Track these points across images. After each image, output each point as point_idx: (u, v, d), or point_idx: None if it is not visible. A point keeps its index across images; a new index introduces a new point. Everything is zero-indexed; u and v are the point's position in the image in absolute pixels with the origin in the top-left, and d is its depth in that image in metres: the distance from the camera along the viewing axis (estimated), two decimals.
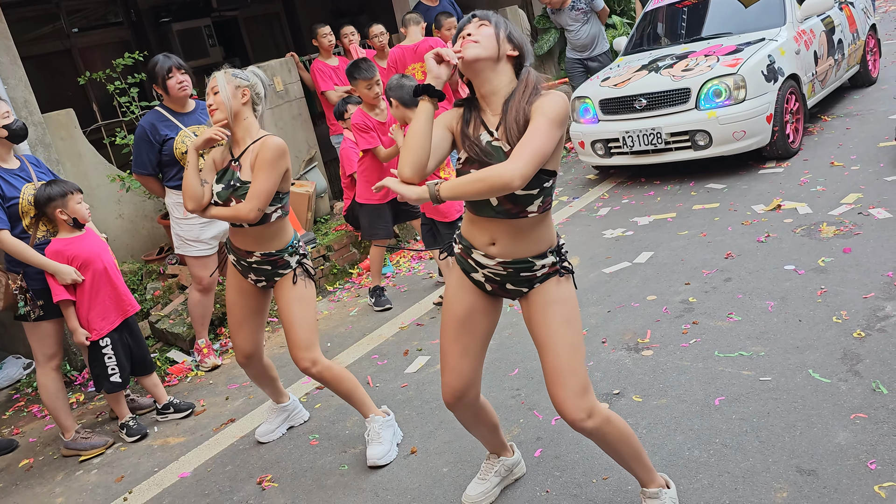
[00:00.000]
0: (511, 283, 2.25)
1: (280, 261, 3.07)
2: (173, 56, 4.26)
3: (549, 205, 2.17)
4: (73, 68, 9.04)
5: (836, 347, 3.15)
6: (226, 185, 2.99)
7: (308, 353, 3.04)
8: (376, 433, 3.13)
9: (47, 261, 3.55)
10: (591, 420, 2.16)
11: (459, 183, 2.04)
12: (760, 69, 5.81)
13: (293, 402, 3.60)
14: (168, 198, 4.39)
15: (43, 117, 5.10)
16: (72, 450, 3.81)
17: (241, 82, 2.99)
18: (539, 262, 2.20)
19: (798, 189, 5.28)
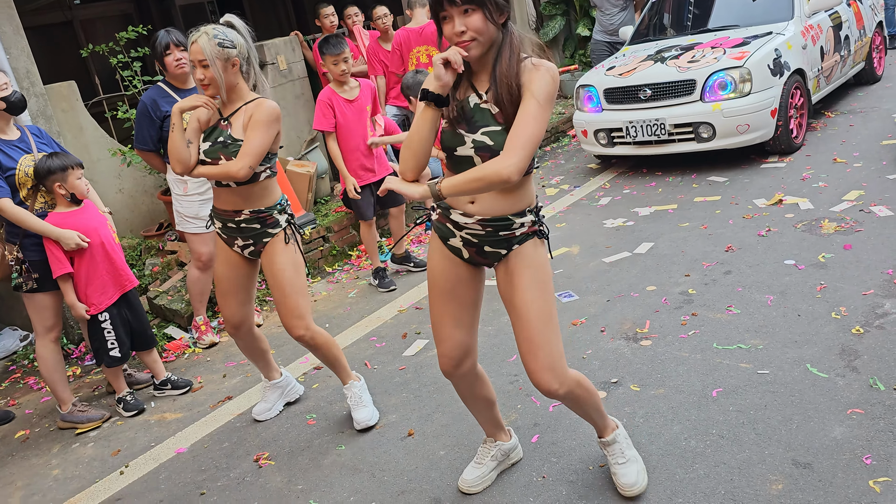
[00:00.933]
0: (489, 244, 2.24)
1: (269, 218, 3.06)
2: (174, 32, 4.22)
3: (530, 168, 2.18)
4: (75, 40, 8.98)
5: (834, 343, 3.17)
6: (213, 143, 2.99)
7: (303, 321, 3.08)
8: (358, 397, 3.28)
9: (50, 227, 3.54)
10: (561, 388, 2.25)
11: (459, 181, 2.07)
12: (767, 63, 5.79)
13: (286, 377, 3.60)
14: (169, 174, 4.37)
15: (45, 89, 5.06)
16: (68, 422, 3.82)
17: (229, 53, 2.90)
18: (518, 220, 2.21)
19: (800, 184, 5.28)
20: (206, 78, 2.90)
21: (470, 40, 2.03)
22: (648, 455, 2.66)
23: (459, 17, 2.01)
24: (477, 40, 2.03)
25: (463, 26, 2.01)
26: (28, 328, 5.16)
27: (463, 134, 2.15)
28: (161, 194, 5.57)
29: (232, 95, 3.02)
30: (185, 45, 4.17)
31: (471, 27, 2.01)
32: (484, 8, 2.01)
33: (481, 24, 2.01)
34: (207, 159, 2.99)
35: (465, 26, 2.01)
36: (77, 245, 3.55)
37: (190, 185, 4.27)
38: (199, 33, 2.89)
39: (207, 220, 4.32)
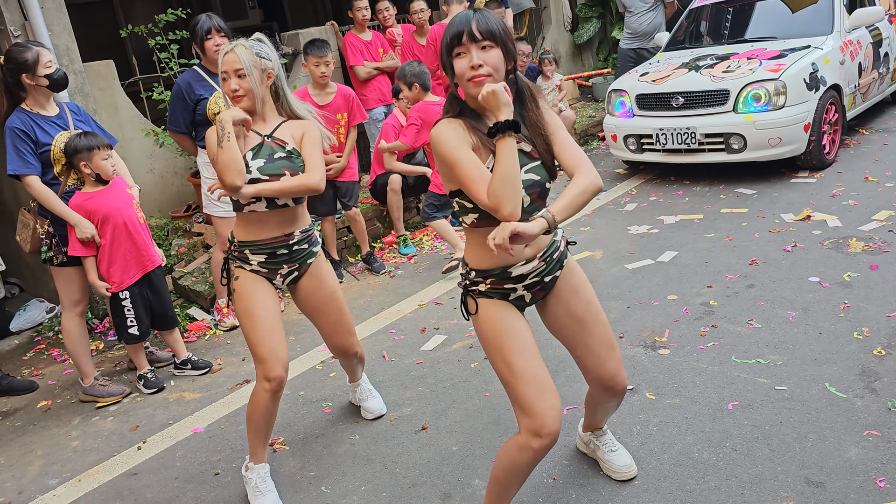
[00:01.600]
0: (549, 272, 2.25)
1: (312, 235, 2.96)
2: (215, 17, 4.27)
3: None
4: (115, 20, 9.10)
5: (854, 363, 3.14)
6: (268, 160, 2.76)
7: (354, 338, 3.10)
8: (368, 390, 3.37)
9: (70, 212, 3.61)
10: (626, 385, 2.42)
11: (568, 202, 2.04)
12: (803, 77, 5.74)
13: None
14: (200, 157, 4.43)
15: (83, 66, 5.15)
16: (90, 395, 3.90)
17: (266, 64, 2.78)
18: (557, 236, 2.30)
19: (829, 201, 5.22)
20: (242, 89, 2.73)
21: (486, 75, 2.00)
22: (660, 464, 2.66)
23: (477, 52, 2.00)
24: (492, 76, 2.01)
25: (481, 61, 1.99)
26: (55, 301, 5.27)
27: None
28: (191, 176, 5.65)
29: (265, 111, 2.84)
30: (226, 32, 4.22)
31: (489, 62, 2.00)
32: (502, 47, 2.03)
33: (497, 61, 2.02)
34: (264, 176, 2.73)
35: (483, 61, 1.99)
36: (90, 238, 3.62)
37: None
38: (235, 44, 2.75)
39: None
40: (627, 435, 2.87)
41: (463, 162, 2.02)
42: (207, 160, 4.32)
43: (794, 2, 6.76)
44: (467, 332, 4.03)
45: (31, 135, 3.61)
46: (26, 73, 3.58)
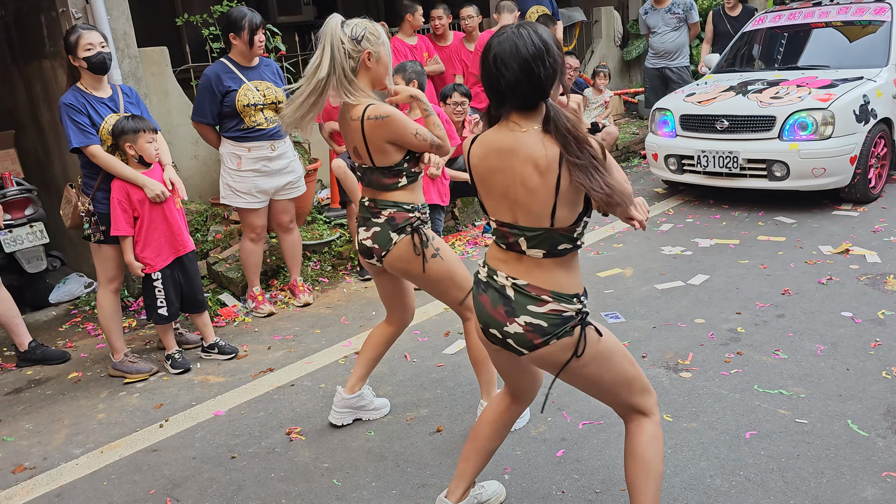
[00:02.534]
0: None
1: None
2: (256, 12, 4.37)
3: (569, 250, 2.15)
4: (172, 7, 9.31)
5: (880, 402, 3.09)
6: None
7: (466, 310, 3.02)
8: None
9: (137, 174, 3.76)
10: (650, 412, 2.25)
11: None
12: (853, 108, 5.64)
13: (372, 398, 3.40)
14: (223, 147, 4.47)
15: (138, 51, 5.29)
16: (119, 371, 4.00)
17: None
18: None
19: (870, 236, 5.13)
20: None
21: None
22: (671, 487, 2.65)
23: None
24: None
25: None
26: (93, 276, 5.41)
27: None
28: None
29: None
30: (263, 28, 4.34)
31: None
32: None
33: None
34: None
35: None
36: (160, 195, 3.73)
37: (245, 160, 4.39)
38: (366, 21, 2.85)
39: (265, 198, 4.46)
40: None
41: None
42: (231, 151, 4.40)
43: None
44: None
45: (84, 111, 3.74)
46: (70, 54, 3.73)
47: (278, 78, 4.55)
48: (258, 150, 4.42)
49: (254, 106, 4.33)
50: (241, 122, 4.37)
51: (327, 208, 6.14)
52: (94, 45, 3.73)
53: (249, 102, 4.31)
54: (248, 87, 4.33)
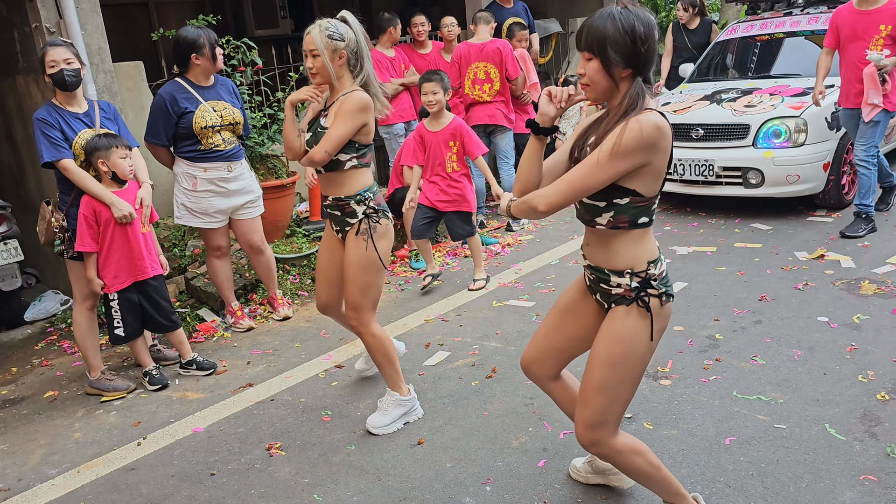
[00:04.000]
0: (597, 292, 2.32)
1: (347, 207, 3.18)
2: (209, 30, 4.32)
3: (624, 223, 2.16)
4: (148, 22, 9.27)
5: (856, 406, 3.12)
6: (314, 133, 3.17)
7: (353, 313, 3.25)
8: (386, 404, 3.31)
9: (105, 191, 3.70)
10: (595, 448, 2.31)
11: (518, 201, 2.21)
12: (825, 115, 5.73)
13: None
14: (178, 167, 4.40)
15: (113, 66, 5.25)
16: (95, 389, 3.95)
17: (337, 45, 3.06)
18: (614, 278, 2.21)
19: (845, 242, 5.19)
20: (315, 67, 3.07)
21: (585, 84, 2.15)
22: (652, 495, 2.65)
23: (583, 61, 2.14)
24: (589, 86, 2.14)
25: (583, 70, 2.13)
26: (69, 293, 5.34)
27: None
28: None
29: (336, 87, 3.16)
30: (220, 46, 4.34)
31: (587, 73, 2.12)
32: (601, 58, 2.07)
33: (594, 73, 2.10)
34: (308, 148, 3.18)
35: (584, 70, 2.13)
36: (127, 216, 3.68)
37: (200, 180, 4.34)
38: (314, 26, 3.07)
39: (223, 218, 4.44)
40: None
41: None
42: (186, 171, 4.36)
43: None
44: (471, 351, 4.05)
45: (57, 126, 3.71)
46: (42, 71, 3.72)
47: (235, 97, 4.48)
48: (214, 171, 4.35)
49: (211, 127, 4.26)
50: (197, 143, 4.29)
51: (306, 221, 6.12)
52: (57, 63, 3.68)
53: (207, 124, 4.25)
54: (206, 108, 4.27)
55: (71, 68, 3.72)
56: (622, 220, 2.15)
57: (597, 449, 2.30)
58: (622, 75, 2.08)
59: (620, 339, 2.20)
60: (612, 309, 2.25)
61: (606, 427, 2.26)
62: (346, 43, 3.07)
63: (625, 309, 2.20)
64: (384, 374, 3.32)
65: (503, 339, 4.16)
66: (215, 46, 4.26)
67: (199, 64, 4.26)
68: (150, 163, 4.31)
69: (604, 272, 2.23)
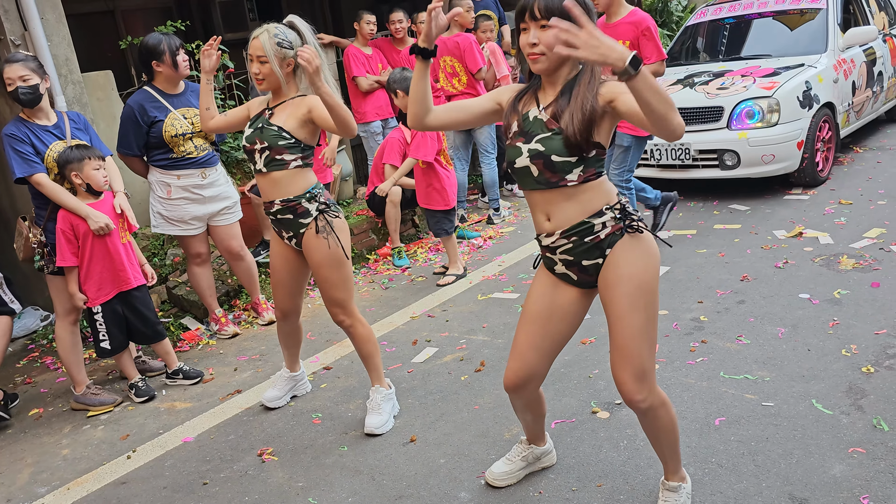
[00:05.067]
0: (584, 256, 2.27)
1: (299, 207, 3.15)
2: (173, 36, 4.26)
3: (592, 175, 2.19)
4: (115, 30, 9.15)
5: (842, 380, 3.16)
6: (254, 129, 3.16)
7: (340, 309, 3.24)
8: (377, 404, 3.30)
9: (81, 204, 3.65)
10: (645, 401, 2.26)
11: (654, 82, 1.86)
12: (796, 95, 5.78)
13: (302, 372, 3.73)
14: (152, 175, 4.36)
15: (82, 77, 5.18)
16: (81, 404, 3.90)
17: (286, 53, 3.06)
18: (597, 220, 2.21)
19: (822, 218, 5.26)
20: (262, 73, 3.07)
21: (539, 54, 2.12)
22: (646, 479, 2.67)
23: (535, 30, 2.11)
24: (545, 55, 2.12)
25: (536, 39, 2.11)
26: (49, 309, 5.28)
27: (520, 146, 2.23)
28: None
29: (281, 91, 3.17)
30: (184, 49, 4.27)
31: (543, 41, 2.10)
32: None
33: (553, 40, 2.03)
34: (247, 144, 3.19)
35: (537, 39, 2.11)
36: (104, 227, 3.63)
37: (174, 188, 4.30)
38: (262, 31, 3.07)
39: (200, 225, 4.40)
40: (614, 449, 2.88)
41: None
42: (159, 179, 4.32)
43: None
44: (458, 345, 4.05)
45: (27, 141, 3.65)
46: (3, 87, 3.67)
47: None
48: (188, 178, 4.31)
49: (182, 135, 4.22)
50: (169, 151, 4.25)
51: None
52: (12, 80, 3.63)
53: (178, 132, 4.20)
54: (175, 116, 4.22)
55: (27, 85, 3.63)
56: (591, 173, 2.19)
57: (647, 402, 2.25)
58: None
59: (631, 275, 2.20)
60: (609, 255, 2.23)
61: (651, 374, 2.25)
62: (294, 51, 3.07)
63: (620, 246, 2.22)
64: (373, 365, 3.32)
65: (490, 332, 4.17)
66: (177, 53, 4.19)
67: (161, 71, 4.21)
68: (125, 173, 4.26)
69: (584, 223, 2.22)
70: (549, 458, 2.82)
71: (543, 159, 2.17)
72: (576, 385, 3.40)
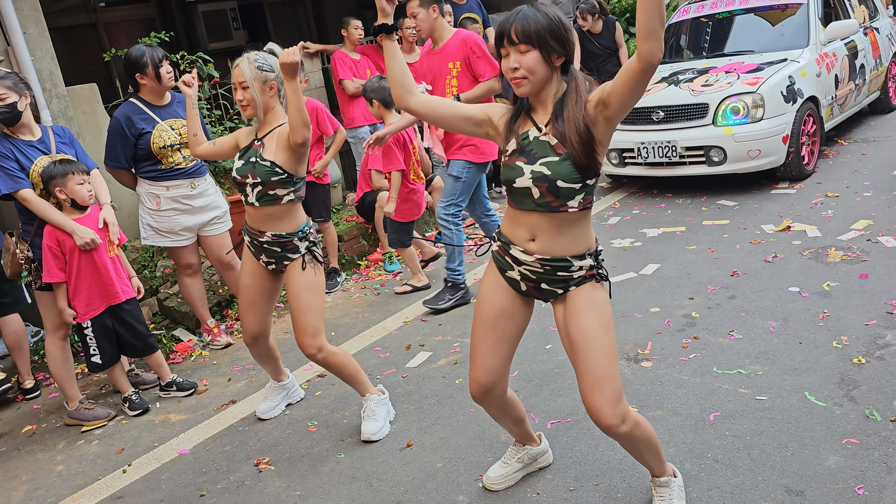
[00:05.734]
0: (546, 283, 2.29)
1: (289, 244, 3.16)
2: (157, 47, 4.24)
3: (589, 203, 2.21)
4: (99, 43, 9.12)
5: (833, 372, 3.18)
6: (245, 162, 3.13)
7: (314, 340, 3.15)
8: (371, 410, 3.29)
9: (66, 220, 3.63)
10: (624, 425, 2.22)
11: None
12: (780, 89, 5.82)
13: (291, 380, 3.72)
14: (140, 187, 4.36)
15: (66, 90, 5.16)
16: (75, 419, 3.88)
17: (267, 76, 3.07)
18: (577, 262, 2.24)
19: (809, 211, 5.29)
20: (245, 99, 3.07)
21: (521, 78, 2.13)
22: (643, 476, 2.68)
23: (515, 55, 2.12)
24: (528, 79, 2.13)
25: (517, 63, 2.12)
26: (40, 325, 5.24)
27: (521, 166, 2.20)
28: None
29: (268, 117, 3.16)
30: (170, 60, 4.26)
31: (524, 65, 2.11)
32: (541, 49, 2.10)
33: (534, 63, 2.11)
34: (238, 177, 3.15)
35: (518, 64, 2.11)
36: (89, 243, 3.61)
37: (163, 199, 4.29)
38: (242, 59, 3.07)
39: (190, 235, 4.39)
40: (610, 448, 2.89)
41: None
42: (148, 191, 4.31)
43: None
44: (452, 349, 4.05)
45: (12, 157, 3.64)
46: None
47: None
48: (177, 189, 4.30)
49: (170, 146, 4.22)
50: (158, 162, 4.25)
51: None
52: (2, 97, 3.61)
53: (165, 144, 4.20)
54: (163, 128, 4.22)
55: (5, 104, 3.61)
56: (589, 202, 2.21)
57: (627, 426, 2.22)
58: (557, 63, 2.14)
59: (599, 306, 2.26)
60: (572, 290, 2.28)
61: (623, 397, 2.25)
62: (275, 74, 3.07)
63: (589, 284, 2.28)
64: (357, 381, 3.30)
65: None
66: (160, 65, 4.18)
67: (145, 83, 4.21)
68: (113, 185, 4.25)
69: (566, 260, 2.23)
70: (545, 458, 2.82)
71: (548, 183, 2.15)
72: (570, 385, 3.41)
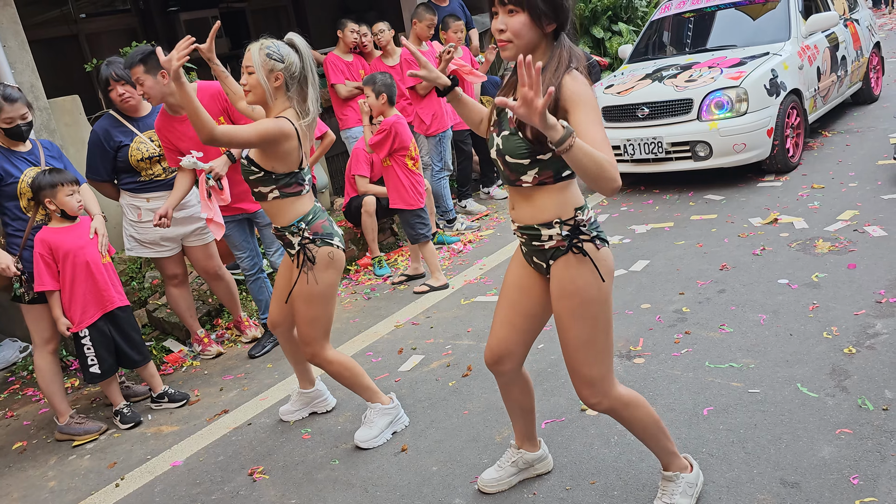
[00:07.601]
0: (533, 255, 2.29)
1: (284, 238, 3.12)
2: (114, 65, 4.11)
3: (549, 178, 2.13)
4: (80, 54, 9.06)
5: (825, 363, 3.20)
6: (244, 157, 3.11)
7: (307, 348, 3.16)
8: (370, 419, 3.26)
9: None
10: (601, 405, 2.29)
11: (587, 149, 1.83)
12: (763, 83, 5.85)
13: (317, 390, 3.62)
14: (122, 199, 4.34)
15: (48, 102, 5.13)
16: (66, 434, 3.85)
17: (275, 65, 2.94)
18: (545, 231, 2.19)
19: (795, 203, 5.32)
20: (249, 84, 2.97)
21: (507, 41, 2.07)
22: (639, 473, 2.68)
23: (504, 16, 2.06)
24: (513, 42, 2.06)
25: (503, 25, 2.05)
26: (28, 339, 5.20)
27: (493, 136, 2.23)
28: None
29: (268, 109, 3.06)
30: (127, 79, 4.06)
31: (510, 27, 2.05)
32: (530, 12, 2.02)
33: (520, 27, 2.04)
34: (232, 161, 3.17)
35: (505, 26, 2.05)
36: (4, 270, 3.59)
37: (144, 210, 4.26)
38: (255, 43, 2.99)
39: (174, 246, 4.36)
40: (605, 445, 2.89)
41: None
42: (130, 202, 4.28)
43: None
44: (444, 351, 4.04)
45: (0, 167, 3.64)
46: None
47: None
48: (157, 200, 4.26)
49: (149, 159, 4.19)
50: (137, 174, 4.23)
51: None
52: (13, 119, 3.64)
53: (144, 156, 4.17)
54: (141, 140, 4.19)
55: (26, 122, 3.70)
56: (547, 176, 2.13)
57: (604, 405, 2.27)
58: (549, 29, 2.08)
59: (571, 292, 2.18)
60: (552, 268, 2.23)
61: (604, 381, 2.25)
62: (285, 65, 2.95)
63: (563, 261, 2.19)
64: (360, 388, 3.27)
65: (475, 336, 4.16)
66: (108, 91, 4.14)
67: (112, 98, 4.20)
68: (98, 196, 4.21)
69: (533, 228, 2.21)
70: (543, 465, 2.79)
71: (501, 158, 2.18)
72: (563, 384, 3.40)
